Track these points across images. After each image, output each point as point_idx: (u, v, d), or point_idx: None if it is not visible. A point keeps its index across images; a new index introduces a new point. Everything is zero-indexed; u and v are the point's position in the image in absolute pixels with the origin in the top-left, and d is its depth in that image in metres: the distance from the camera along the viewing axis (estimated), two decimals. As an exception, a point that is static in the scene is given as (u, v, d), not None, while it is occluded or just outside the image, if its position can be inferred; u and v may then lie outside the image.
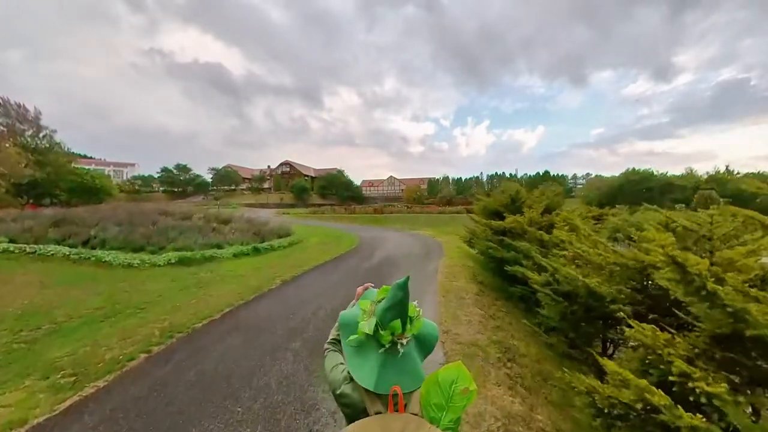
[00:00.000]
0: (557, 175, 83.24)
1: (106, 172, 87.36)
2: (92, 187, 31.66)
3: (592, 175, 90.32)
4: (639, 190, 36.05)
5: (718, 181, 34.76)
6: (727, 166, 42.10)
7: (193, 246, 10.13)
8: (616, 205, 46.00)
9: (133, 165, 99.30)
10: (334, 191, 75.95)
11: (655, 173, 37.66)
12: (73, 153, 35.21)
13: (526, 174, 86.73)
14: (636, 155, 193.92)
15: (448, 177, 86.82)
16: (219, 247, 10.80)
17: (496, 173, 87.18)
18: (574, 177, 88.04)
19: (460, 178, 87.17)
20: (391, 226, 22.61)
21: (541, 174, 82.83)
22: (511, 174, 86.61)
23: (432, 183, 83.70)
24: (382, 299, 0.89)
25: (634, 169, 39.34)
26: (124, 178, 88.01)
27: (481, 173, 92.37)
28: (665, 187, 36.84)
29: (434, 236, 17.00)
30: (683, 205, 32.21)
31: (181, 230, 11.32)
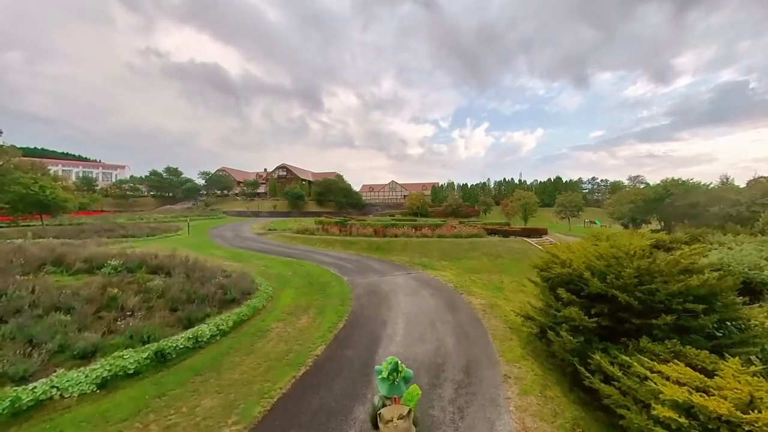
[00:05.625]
0: (569, 181, 77.87)
1: (95, 175, 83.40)
2: (41, 199, 26.73)
3: (598, 180, 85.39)
4: (683, 204, 31.00)
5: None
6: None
7: (23, 367, 5.15)
8: (651, 221, 41.00)
9: (123, 167, 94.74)
10: (332, 197, 70.95)
11: (698, 184, 32.62)
12: (16, 153, 30.27)
13: (536, 180, 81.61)
14: (636, 158, 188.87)
15: (453, 183, 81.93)
16: (86, 355, 5.84)
17: (504, 179, 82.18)
18: (579, 181, 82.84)
19: (466, 184, 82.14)
20: (396, 259, 17.60)
21: (552, 180, 77.53)
22: (520, 180, 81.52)
23: (435, 189, 78.64)
24: (389, 363, 3.14)
25: (673, 179, 34.31)
26: (113, 180, 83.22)
27: (488, 179, 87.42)
28: (712, 201, 31.76)
29: (459, 288, 11.99)
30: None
31: (23, 323, 6.34)
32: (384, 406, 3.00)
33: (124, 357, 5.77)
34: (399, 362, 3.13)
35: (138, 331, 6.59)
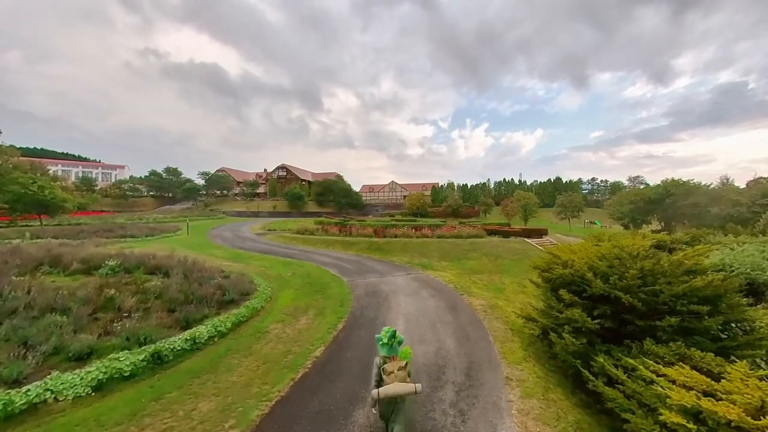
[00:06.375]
0: (569, 181, 77.76)
1: (94, 175, 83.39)
2: (40, 199, 26.64)
3: (598, 180, 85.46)
4: (684, 205, 30.97)
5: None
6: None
7: (17, 370, 5.07)
8: (651, 222, 40.93)
9: (122, 167, 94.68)
10: (332, 198, 70.82)
11: (698, 185, 32.59)
12: (15, 153, 30.30)
13: (535, 181, 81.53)
14: (635, 158, 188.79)
15: (453, 183, 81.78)
16: (81, 357, 5.76)
17: (504, 179, 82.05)
18: (579, 181, 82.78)
19: (466, 184, 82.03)
20: (395, 259, 17.52)
21: (552, 180, 77.49)
22: (520, 181, 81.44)
23: (436, 189, 78.56)
24: (387, 332, 4.04)
25: (673, 179, 34.30)
26: (113, 180, 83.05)
27: (488, 179, 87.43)
28: (712, 201, 31.72)
29: (460, 289, 11.92)
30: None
31: (18, 325, 6.26)
32: (385, 363, 3.88)
33: (120, 359, 5.69)
34: (395, 330, 4.04)
35: (134, 333, 6.51)
